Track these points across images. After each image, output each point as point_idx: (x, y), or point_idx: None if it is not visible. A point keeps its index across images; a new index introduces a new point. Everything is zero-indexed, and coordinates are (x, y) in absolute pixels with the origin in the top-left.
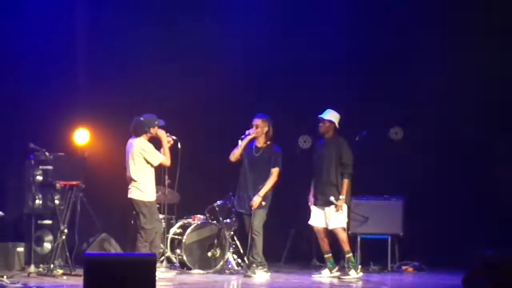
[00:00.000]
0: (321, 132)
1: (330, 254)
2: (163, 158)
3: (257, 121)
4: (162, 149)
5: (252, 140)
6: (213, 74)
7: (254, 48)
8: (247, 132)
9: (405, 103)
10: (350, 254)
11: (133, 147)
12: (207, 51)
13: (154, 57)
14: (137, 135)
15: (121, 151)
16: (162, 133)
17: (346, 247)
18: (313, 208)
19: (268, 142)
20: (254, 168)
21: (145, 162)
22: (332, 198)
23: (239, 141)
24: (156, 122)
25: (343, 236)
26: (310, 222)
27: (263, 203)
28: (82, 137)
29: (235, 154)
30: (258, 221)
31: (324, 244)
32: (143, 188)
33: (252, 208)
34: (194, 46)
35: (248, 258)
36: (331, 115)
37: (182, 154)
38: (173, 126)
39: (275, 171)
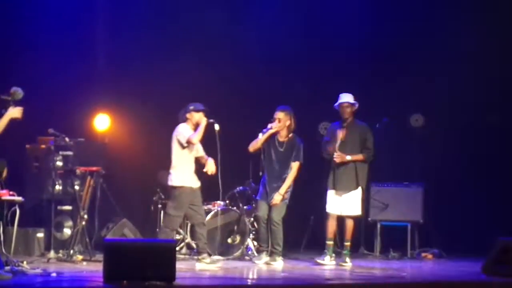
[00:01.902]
0: (346, 116)
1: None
2: (190, 134)
3: (279, 115)
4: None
5: (275, 133)
6: (235, 58)
7: (271, 36)
8: (268, 125)
9: (426, 89)
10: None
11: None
12: (225, 37)
13: (176, 43)
14: (180, 120)
15: (141, 137)
16: (198, 116)
17: (351, 235)
18: (332, 194)
19: (291, 135)
20: (280, 163)
21: (179, 147)
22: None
23: (260, 134)
24: (192, 107)
25: (353, 224)
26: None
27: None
28: (102, 122)
29: (254, 147)
30: (277, 213)
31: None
32: (175, 173)
33: (272, 204)
34: (213, 32)
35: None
36: (352, 98)
37: (204, 143)
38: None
39: (295, 165)
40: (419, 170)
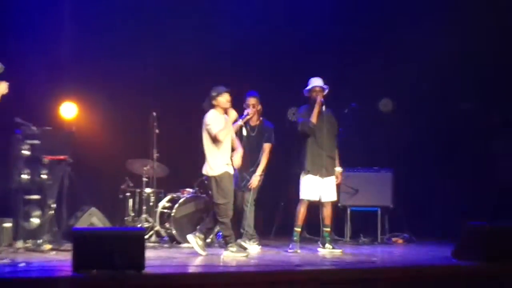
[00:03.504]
0: (321, 101)
1: None
2: (218, 129)
3: (252, 100)
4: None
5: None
6: (199, 48)
7: (237, 21)
8: (245, 112)
9: (395, 73)
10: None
11: None
12: (191, 27)
13: (144, 28)
14: (206, 109)
15: (109, 125)
16: (223, 99)
17: (331, 221)
18: (310, 179)
19: (260, 119)
20: (252, 148)
21: (209, 136)
22: (339, 169)
23: (240, 120)
24: (215, 94)
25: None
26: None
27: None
28: (69, 111)
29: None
30: (252, 195)
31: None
32: (211, 162)
33: (251, 187)
34: (180, 21)
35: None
36: (323, 83)
37: (169, 128)
38: (161, 99)
39: (267, 146)
40: (388, 155)
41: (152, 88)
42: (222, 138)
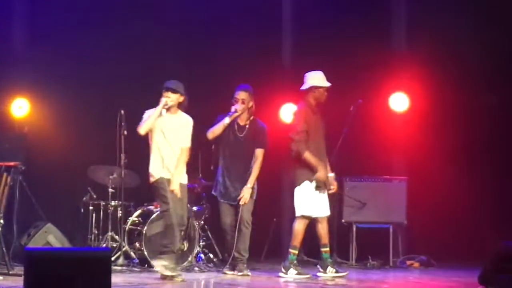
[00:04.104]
0: (323, 101)
1: None
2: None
3: (242, 95)
4: None
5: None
6: (173, 36)
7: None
8: (233, 108)
9: (409, 66)
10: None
11: None
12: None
13: (99, 21)
14: None
15: (67, 125)
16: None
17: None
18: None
19: (252, 118)
20: (241, 152)
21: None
22: (332, 175)
23: (226, 118)
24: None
25: None
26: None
27: (253, 190)
28: (20, 108)
29: (215, 133)
30: (247, 211)
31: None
32: (150, 167)
33: (242, 203)
34: (143, 11)
35: (229, 254)
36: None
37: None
38: (130, 94)
39: (260, 153)
40: (402, 161)
41: (120, 82)
42: (142, 131)
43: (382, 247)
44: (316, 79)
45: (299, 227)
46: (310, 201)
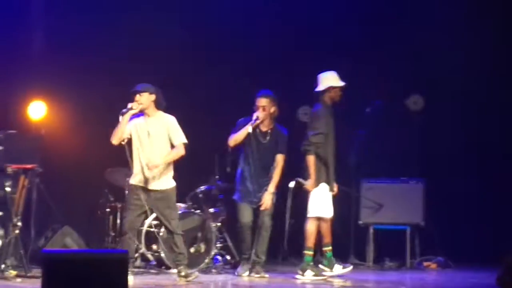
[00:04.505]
0: (339, 101)
1: None
2: None
3: (263, 101)
4: None
5: (253, 122)
6: (189, 43)
7: (241, 12)
8: (254, 116)
9: (426, 66)
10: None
11: None
12: (182, 15)
13: (116, 24)
14: None
15: (84, 127)
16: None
17: None
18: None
19: (273, 125)
20: (263, 157)
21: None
22: None
23: (249, 126)
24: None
25: None
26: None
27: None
28: (37, 111)
29: (236, 140)
30: (269, 217)
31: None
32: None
33: (264, 208)
34: (167, 13)
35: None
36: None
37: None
38: None
39: (281, 158)
40: (419, 162)
41: (137, 83)
42: (114, 141)
43: (399, 249)
44: (331, 79)
45: (312, 228)
46: (326, 203)
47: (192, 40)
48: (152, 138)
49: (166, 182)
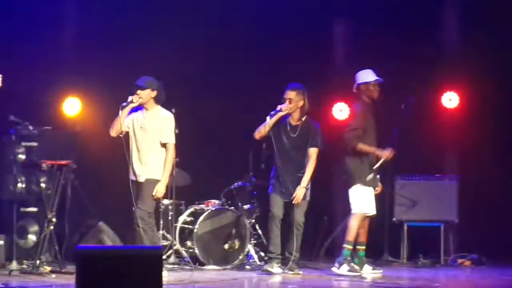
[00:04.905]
0: (377, 97)
1: None
2: None
3: (290, 94)
4: None
5: (285, 116)
6: (226, 32)
7: (276, 7)
8: (278, 107)
9: (461, 63)
10: None
11: None
12: (214, 11)
13: (151, 21)
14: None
15: None
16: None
17: None
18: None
19: (304, 118)
20: (294, 152)
21: None
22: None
23: (268, 117)
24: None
25: None
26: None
27: (306, 190)
28: (72, 107)
29: (260, 132)
30: (301, 214)
31: None
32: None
33: (295, 202)
34: (200, 7)
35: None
36: None
37: (192, 128)
38: (182, 93)
39: (314, 152)
40: (453, 159)
41: (171, 80)
42: (112, 133)
43: (433, 246)
44: (364, 76)
45: (355, 223)
46: (368, 199)
47: (227, 37)
48: (145, 132)
49: (148, 173)
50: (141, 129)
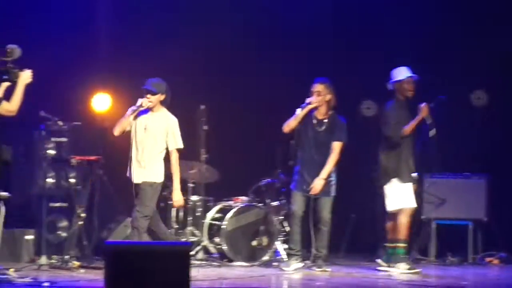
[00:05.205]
0: (411, 94)
1: None
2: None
3: (318, 87)
4: None
5: (311, 111)
6: (252, 29)
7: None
8: (307, 100)
9: (490, 62)
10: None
11: None
12: (239, 7)
13: (180, 19)
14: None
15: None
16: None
17: None
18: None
19: (331, 112)
20: (321, 146)
21: None
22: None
23: (298, 109)
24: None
25: None
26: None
27: (331, 187)
28: (102, 103)
29: (290, 125)
30: (327, 211)
31: None
32: None
33: (313, 193)
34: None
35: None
36: None
37: (220, 124)
38: (211, 89)
39: (338, 145)
40: (482, 158)
41: (201, 76)
42: (116, 132)
43: (461, 244)
44: (397, 74)
45: (405, 220)
46: (408, 193)
47: (256, 35)
48: (148, 133)
49: (147, 175)
50: (145, 130)
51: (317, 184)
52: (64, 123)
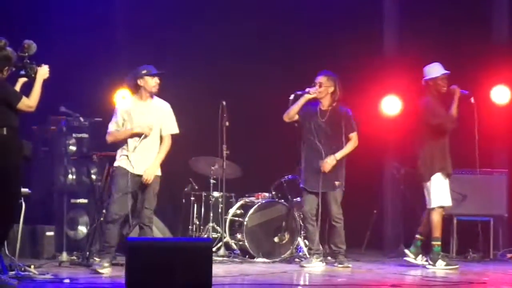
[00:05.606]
0: (445, 92)
1: None
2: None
3: (321, 79)
4: None
5: (316, 103)
6: (271, 22)
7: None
8: (306, 89)
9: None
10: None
11: None
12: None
13: (201, 15)
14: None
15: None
16: (152, 82)
17: None
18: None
19: (335, 104)
20: (323, 136)
21: None
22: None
23: (291, 95)
24: (144, 71)
25: None
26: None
27: (337, 182)
28: (123, 99)
29: (289, 114)
30: (337, 206)
31: None
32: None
33: (323, 170)
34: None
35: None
36: None
37: (242, 121)
38: (233, 85)
39: (354, 135)
40: (503, 154)
41: (222, 72)
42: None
43: (483, 240)
44: (429, 71)
45: (437, 218)
46: (445, 191)
47: (280, 29)
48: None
49: (155, 168)
50: (146, 115)
51: (329, 161)
52: (85, 119)
